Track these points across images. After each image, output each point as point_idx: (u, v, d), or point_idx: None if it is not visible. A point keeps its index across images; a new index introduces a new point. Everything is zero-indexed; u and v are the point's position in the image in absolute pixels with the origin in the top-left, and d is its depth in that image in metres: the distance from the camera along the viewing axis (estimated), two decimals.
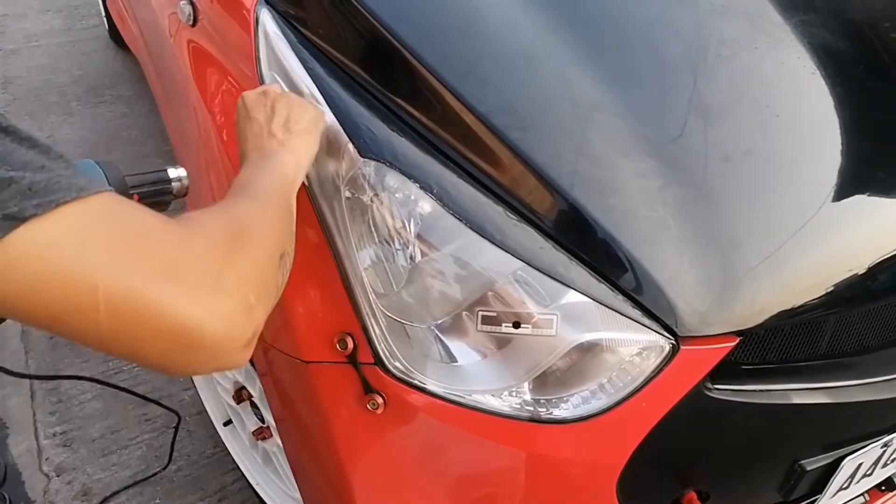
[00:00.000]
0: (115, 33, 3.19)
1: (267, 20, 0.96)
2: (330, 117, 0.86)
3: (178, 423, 1.38)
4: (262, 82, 0.94)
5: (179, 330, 0.49)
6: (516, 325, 0.80)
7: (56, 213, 0.45)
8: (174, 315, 0.48)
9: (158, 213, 0.52)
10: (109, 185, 0.69)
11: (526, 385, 0.82)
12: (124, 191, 0.73)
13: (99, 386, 1.81)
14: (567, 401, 0.83)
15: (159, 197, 0.80)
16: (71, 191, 0.46)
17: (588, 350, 0.81)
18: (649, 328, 0.80)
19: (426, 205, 0.81)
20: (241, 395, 1.39)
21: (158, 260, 0.49)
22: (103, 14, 3.30)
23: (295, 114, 0.79)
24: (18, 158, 0.45)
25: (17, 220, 0.44)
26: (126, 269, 0.47)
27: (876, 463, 1.02)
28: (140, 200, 0.77)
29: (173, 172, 0.81)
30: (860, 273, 0.87)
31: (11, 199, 0.43)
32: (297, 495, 1.21)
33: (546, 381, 0.82)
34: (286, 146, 0.75)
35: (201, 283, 0.50)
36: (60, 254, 0.45)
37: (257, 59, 0.96)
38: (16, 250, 0.44)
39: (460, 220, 0.80)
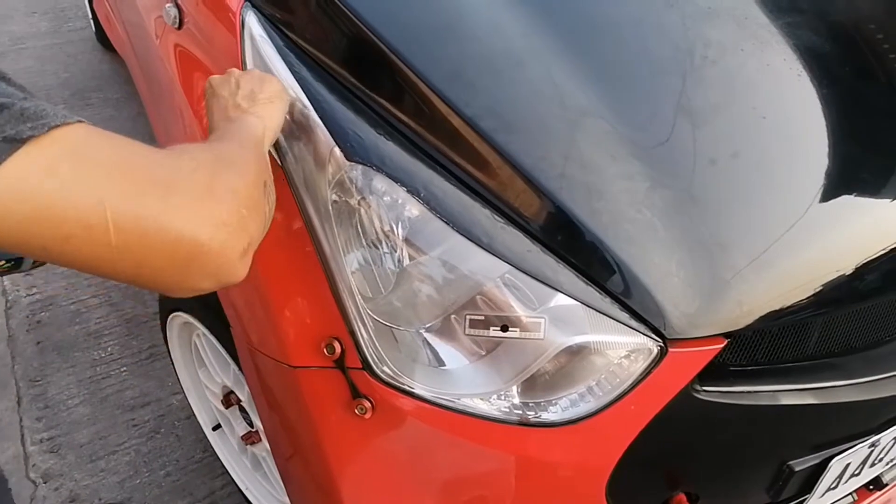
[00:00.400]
0: (101, 36, 3.17)
1: (253, 23, 0.95)
2: (316, 121, 0.85)
3: None
4: None
5: (181, 240, 0.51)
6: (504, 328, 0.79)
7: (51, 136, 0.47)
8: (175, 225, 0.51)
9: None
10: None
11: (514, 388, 0.82)
12: None
13: (86, 391, 1.80)
14: (556, 404, 0.83)
15: None
16: (58, 117, 0.48)
17: (576, 353, 0.80)
18: (637, 331, 0.80)
19: (413, 208, 0.81)
20: (229, 399, 1.39)
21: (152, 175, 0.51)
22: (90, 16, 3.28)
23: (258, 86, 0.81)
24: (3, 90, 0.47)
25: (16, 141, 0.45)
26: (125, 185, 0.49)
27: (864, 463, 1.02)
28: None
29: None
30: (847, 274, 0.87)
31: (7, 122, 0.45)
32: (287, 500, 1.21)
33: (534, 385, 0.82)
34: (251, 112, 0.77)
35: (195, 195, 0.53)
36: (62, 172, 0.47)
37: (243, 62, 0.95)
38: (19, 172, 0.45)
39: (448, 224, 0.79)
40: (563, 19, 0.95)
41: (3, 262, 0.65)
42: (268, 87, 0.81)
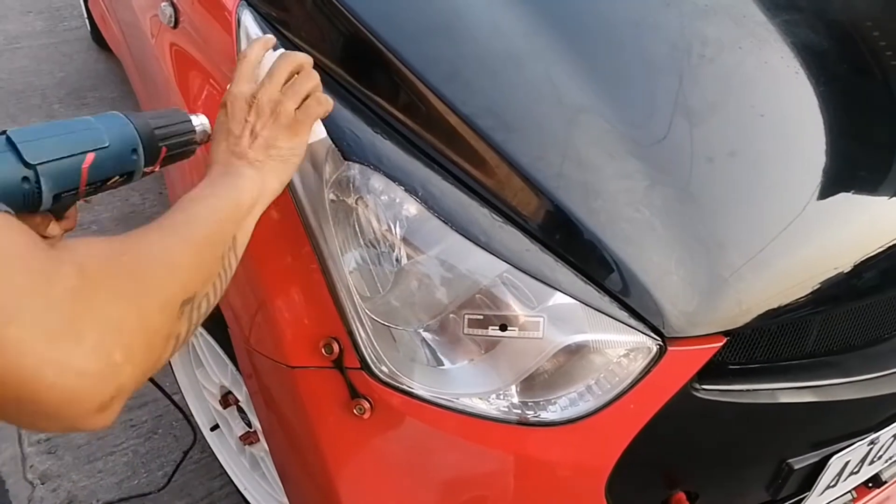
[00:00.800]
0: (97, 35, 3.16)
1: (249, 22, 0.95)
2: (319, 134, 0.84)
3: (192, 446, 1.27)
4: None
5: (12, 379, 0.41)
6: (503, 327, 0.79)
7: None
8: (7, 361, 0.41)
9: (37, 239, 0.46)
10: (139, 135, 0.66)
11: (514, 388, 0.82)
12: (153, 142, 0.69)
13: None
14: (555, 403, 0.82)
15: (185, 147, 0.73)
16: None
17: (575, 352, 0.80)
18: (636, 329, 0.80)
19: (411, 207, 0.80)
20: (227, 399, 1.38)
21: (5, 296, 0.42)
22: (85, 16, 3.27)
23: (282, 136, 0.72)
24: None
25: None
26: None
27: (863, 460, 1.02)
28: (168, 152, 0.71)
29: (196, 121, 0.75)
30: (845, 272, 0.87)
31: None
32: (285, 500, 1.20)
33: (534, 384, 0.82)
34: (256, 167, 0.70)
35: (52, 328, 0.43)
36: None
37: None
38: None
39: (446, 223, 0.79)
40: (561, 19, 0.95)
41: (117, 177, 0.65)
42: (291, 140, 0.72)
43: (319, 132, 0.81)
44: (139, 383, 0.49)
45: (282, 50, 0.80)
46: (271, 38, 0.81)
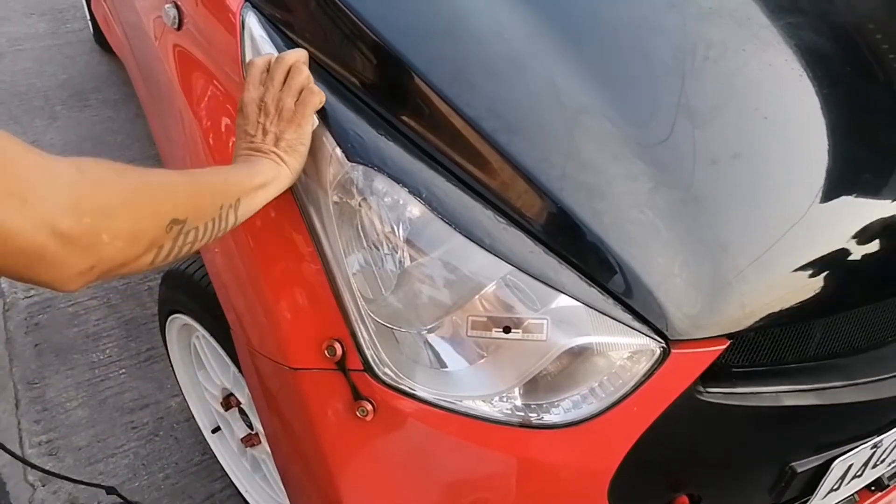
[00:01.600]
0: (99, 37, 3.17)
1: (253, 23, 0.95)
2: (317, 121, 0.85)
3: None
4: None
5: (28, 248, 0.53)
6: (506, 329, 0.79)
7: None
8: (20, 236, 0.52)
9: (30, 145, 0.55)
10: None
11: (517, 390, 0.82)
12: None
13: (85, 393, 1.80)
14: (558, 406, 0.82)
15: None
16: None
17: (579, 354, 0.80)
18: (640, 332, 0.79)
19: (415, 209, 0.80)
20: (229, 401, 1.38)
21: (16, 184, 0.51)
22: (88, 18, 3.28)
23: (290, 134, 0.81)
24: None
25: None
26: None
27: (866, 464, 1.02)
28: None
29: None
30: (849, 275, 0.87)
31: None
32: (287, 502, 1.20)
33: (537, 386, 0.82)
34: (272, 158, 0.80)
35: (54, 209, 0.53)
36: None
37: (243, 62, 0.95)
38: None
39: (449, 225, 0.79)
40: (565, 21, 0.95)
41: None
42: (296, 131, 0.82)
43: (315, 121, 0.86)
44: (115, 266, 0.60)
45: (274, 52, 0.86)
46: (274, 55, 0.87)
